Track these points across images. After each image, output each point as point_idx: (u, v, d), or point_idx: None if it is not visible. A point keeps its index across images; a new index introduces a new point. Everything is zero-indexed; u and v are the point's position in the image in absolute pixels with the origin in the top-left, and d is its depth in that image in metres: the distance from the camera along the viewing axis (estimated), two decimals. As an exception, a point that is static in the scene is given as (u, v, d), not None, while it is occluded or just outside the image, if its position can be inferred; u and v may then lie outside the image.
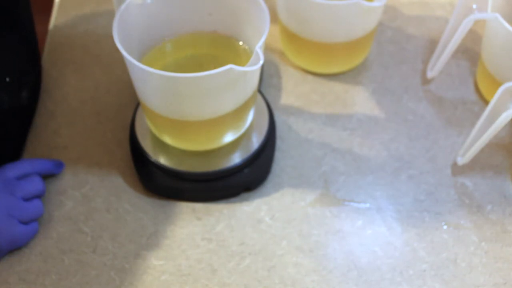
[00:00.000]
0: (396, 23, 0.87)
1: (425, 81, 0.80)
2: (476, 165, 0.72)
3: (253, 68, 0.57)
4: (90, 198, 0.69)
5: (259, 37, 0.59)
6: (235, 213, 0.68)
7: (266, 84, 0.79)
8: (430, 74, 0.79)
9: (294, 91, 0.79)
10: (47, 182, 0.70)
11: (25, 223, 0.64)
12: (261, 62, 0.57)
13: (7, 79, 0.67)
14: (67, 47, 0.83)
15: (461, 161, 0.70)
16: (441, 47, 0.77)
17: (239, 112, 0.64)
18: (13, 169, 0.66)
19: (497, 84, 0.69)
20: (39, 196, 0.67)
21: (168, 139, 0.67)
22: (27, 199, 0.65)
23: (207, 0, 0.67)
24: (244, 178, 0.68)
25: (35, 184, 0.66)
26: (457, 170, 0.71)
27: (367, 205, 0.69)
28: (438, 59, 0.77)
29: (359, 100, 0.78)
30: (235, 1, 0.65)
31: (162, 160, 0.68)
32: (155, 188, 0.69)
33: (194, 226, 0.67)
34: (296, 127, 0.75)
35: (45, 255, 0.65)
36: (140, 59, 0.67)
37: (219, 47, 0.70)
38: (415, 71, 0.81)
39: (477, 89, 0.79)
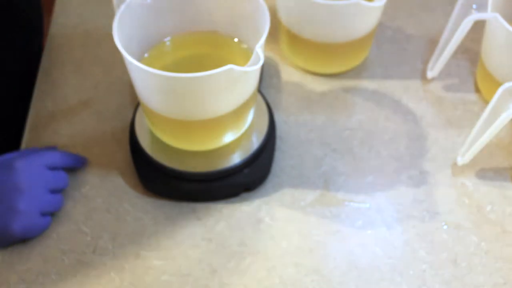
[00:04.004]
0: (396, 23, 0.87)
1: (425, 81, 0.80)
2: (476, 165, 0.72)
3: (253, 68, 0.57)
4: (90, 198, 0.69)
5: (259, 37, 0.59)
6: (235, 213, 0.68)
7: (266, 84, 0.79)
8: (430, 74, 0.79)
9: (294, 91, 0.79)
10: (47, 182, 0.70)
11: (43, 214, 0.64)
12: (261, 62, 0.57)
13: None
14: (67, 47, 0.83)
15: (461, 161, 0.70)
16: (441, 47, 0.77)
17: (239, 112, 0.64)
18: (44, 157, 0.66)
19: (497, 84, 0.69)
20: (63, 189, 0.67)
21: (168, 139, 0.67)
22: (52, 191, 0.65)
23: (207, 0, 0.67)
24: (244, 178, 0.68)
25: (63, 179, 0.67)
26: (457, 170, 0.71)
27: (367, 205, 0.69)
28: (438, 59, 0.77)
29: (359, 100, 0.78)
30: (235, 1, 0.65)
31: (162, 160, 0.68)
32: (155, 188, 0.69)
33: (194, 226, 0.67)
34: (296, 127, 0.75)
35: (45, 255, 0.65)
36: (140, 59, 0.67)
37: (219, 47, 0.70)
38: (415, 71, 0.81)
39: (477, 89, 0.79)
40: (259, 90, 0.74)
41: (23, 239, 0.65)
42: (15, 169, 0.63)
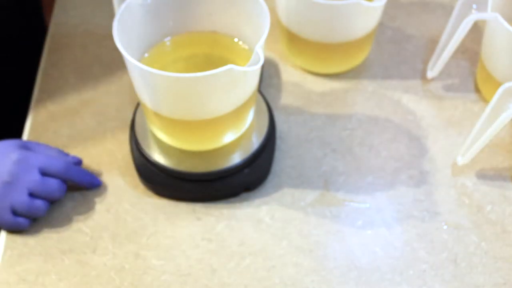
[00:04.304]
0: (396, 23, 0.87)
1: (425, 81, 0.80)
2: (476, 165, 0.72)
3: (253, 68, 0.57)
4: (90, 198, 0.69)
5: (259, 37, 0.59)
6: (235, 213, 0.68)
7: (266, 84, 0.79)
8: (430, 74, 0.79)
9: (294, 91, 0.79)
10: (47, 182, 0.70)
11: (17, 214, 0.64)
12: (261, 62, 0.57)
13: None
14: (67, 47, 0.83)
15: (461, 161, 0.70)
16: (441, 47, 0.77)
17: (239, 112, 0.64)
18: (42, 160, 0.64)
19: (497, 84, 0.69)
20: (52, 199, 0.66)
21: (168, 139, 0.67)
22: (32, 196, 0.64)
23: (207, 0, 0.67)
24: (244, 178, 0.68)
25: (51, 188, 0.65)
26: (457, 170, 0.71)
27: (367, 205, 0.69)
28: (438, 59, 0.77)
29: (359, 100, 0.78)
30: (235, 1, 0.65)
31: (162, 160, 0.68)
32: (155, 188, 0.69)
33: (194, 226, 0.67)
34: (296, 127, 0.75)
35: (45, 255, 0.65)
36: (140, 59, 0.67)
37: (219, 47, 0.70)
38: (415, 71, 0.81)
39: (477, 89, 0.79)
40: (259, 90, 0.74)
41: None
42: (8, 158, 0.63)
